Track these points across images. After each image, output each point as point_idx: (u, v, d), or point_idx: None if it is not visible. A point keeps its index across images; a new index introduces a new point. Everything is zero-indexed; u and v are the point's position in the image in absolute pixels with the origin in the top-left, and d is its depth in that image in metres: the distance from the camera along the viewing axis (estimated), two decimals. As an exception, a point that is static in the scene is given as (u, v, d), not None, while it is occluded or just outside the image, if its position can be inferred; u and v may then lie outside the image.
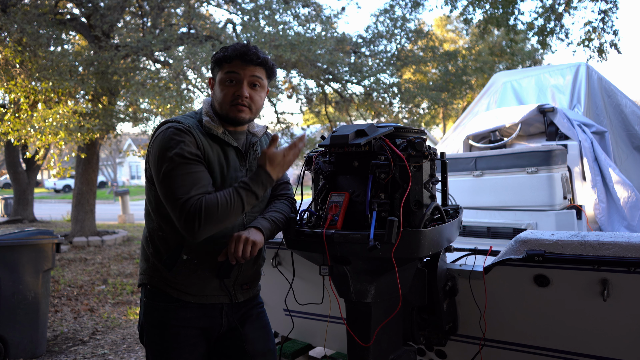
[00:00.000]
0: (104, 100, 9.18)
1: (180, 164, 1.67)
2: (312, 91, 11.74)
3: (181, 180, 1.65)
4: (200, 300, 1.80)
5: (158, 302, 1.81)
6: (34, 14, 7.94)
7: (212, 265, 1.78)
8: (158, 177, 1.69)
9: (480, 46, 16.76)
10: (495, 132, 3.89)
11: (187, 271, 1.77)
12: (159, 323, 1.81)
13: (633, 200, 3.34)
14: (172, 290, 1.79)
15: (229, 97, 1.79)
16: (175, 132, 1.70)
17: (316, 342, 2.89)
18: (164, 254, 1.78)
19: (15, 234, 3.95)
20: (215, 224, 1.65)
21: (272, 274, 2.53)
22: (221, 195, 1.67)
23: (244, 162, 1.87)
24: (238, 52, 1.78)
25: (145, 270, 1.84)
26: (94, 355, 4.23)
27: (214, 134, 1.78)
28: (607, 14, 9.02)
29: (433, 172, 1.81)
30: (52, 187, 35.51)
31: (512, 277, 1.88)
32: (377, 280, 1.74)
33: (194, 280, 1.79)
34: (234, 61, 1.78)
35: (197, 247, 1.76)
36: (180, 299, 1.79)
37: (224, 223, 1.69)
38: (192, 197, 1.64)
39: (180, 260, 1.76)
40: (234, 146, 1.83)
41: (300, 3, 10.11)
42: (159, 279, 1.80)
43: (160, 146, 1.70)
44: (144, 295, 1.87)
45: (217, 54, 1.82)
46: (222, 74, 1.80)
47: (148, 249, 1.83)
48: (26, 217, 13.80)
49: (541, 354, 2.00)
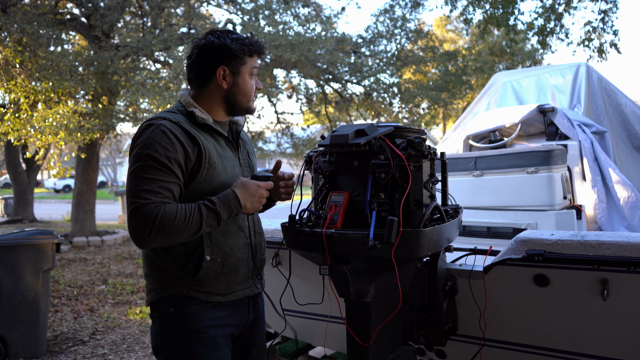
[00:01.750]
0: (104, 100, 9.18)
1: (154, 168, 1.61)
2: (312, 91, 11.75)
3: (147, 183, 1.59)
4: (229, 298, 1.78)
5: (189, 309, 1.72)
6: (34, 14, 7.94)
7: (236, 259, 1.78)
8: (128, 172, 1.64)
9: (480, 46, 16.77)
10: (495, 132, 3.89)
11: (213, 272, 1.73)
12: (197, 328, 1.72)
13: (633, 200, 3.34)
14: (200, 294, 1.73)
15: (254, 89, 1.84)
16: (158, 134, 1.64)
17: (316, 342, 2.89)
18: (184, 260, 1.71)
19: (15, 234, 3.95)
20: (166, 236, 1.58)
21: (272, 274, 2.52)
22: (181, 208, 1.59)
23: (236, 152, 1.87)
24: (258, 46, 1.82)
25: (163, 282, 1.74)
26: (94, 355, 4.23)
27: (206, 124, 1.76)
28: (607, 14, 9.03)
29: (433, 171, 1.81)
30: (52, 187, 35.51)
31: (512, 276, 1.88)
32: (377, 279, 1.74)
33: (222, 278, 1.75)
34: (255, 55, 1.82)
35: (218, 245, 1.73)
36: (210, 301, 1.74)
37: (175, 238, 1.61)
38: (151, 202, 1.57)
39: (205, 262, 1.70)
40: (224, 135, 1.82)
41: (300, 3, 10.11)
42: (182, 287, 1.72)
43: (140, 144, 1.64)
44: (167, 307, 1.74)
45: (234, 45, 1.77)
46: (248, 67, 1.81)
47: (160, 259, 1.74)
48: (26, 217, 13.80)
49: (541, 353, 2.00)
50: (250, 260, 1.84)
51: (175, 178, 1.64)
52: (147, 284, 1.81)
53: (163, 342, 1.75)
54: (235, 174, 1.80)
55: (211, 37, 1.79)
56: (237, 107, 1.83)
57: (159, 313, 1.76)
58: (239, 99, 1.82)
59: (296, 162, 12.28)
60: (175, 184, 1.65)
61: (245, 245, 1.82)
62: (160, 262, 1.74)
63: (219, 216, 1.64)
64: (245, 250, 1.82)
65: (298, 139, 11.93)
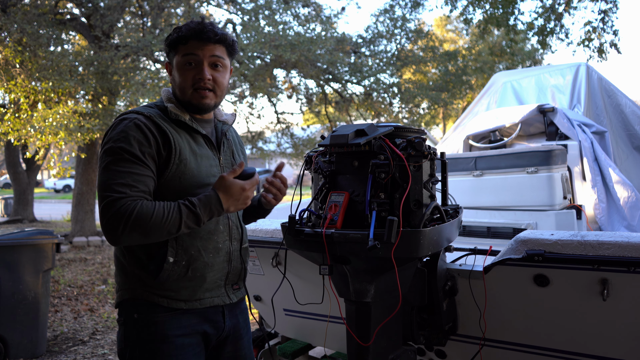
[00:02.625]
0: (104, 100, 9.19)
1: (126, 160, 1.51)
2: (312, 91, 11.75)
3: (121, 176, 1.49)
4: (193, 306, 1.65)
5: (154, 316, 1.61)
6: (34, 14, 7.95)
7: (203, 264, 1.65)
8: (100, 166, 1.54)
9: (480, 46, 16.78)
10: (495, 132, 3.89)
11: (175, 275, 1.61)
12: (161, 338, 1.60)
13: (633, 200, 3.34)
14: (160, 299, 1.61)
15: (189, 82, 1.64)
16: (132, 127, 1.55)
17: (316, 342, 2.89)
18: (146, 260, 1.60)
19: (15, 234, 3.95)
20: (141, 232, 1.47)
21: (272, 274, 2.52)
22: (159, 206, 1.49)
23: (217, 151, 1.74)
24: (193, 30, 1.62)
25: (124, 283, 1.65)
26: (94, 355, 4.23)
27: (180, 120, 1.65)
28: (607, 14, 9.03)
29: (433, 171, 1.81)
30: (52, 187, 35.50)
31: (512, 277, 1.88)
32: (376, 279, 1.74)
33: (185, 283, 1.63)
34: (190, 41, 1.62)
35: (183, 247, 1.62)
36: (172, 307, 1.62)
37: (150, 236, 1.49)
38: (127, 196, 1.47)
39: (167, 264, 1.59)
40: (202, 134, 1.70)
41: (300, 3, 10.11)
42: (143, 290, 1.61)
43: (113, 137, 1.55)
44: (131, 312, 1.64)
45: (170, 36, 1.65)
46: (179, 56, 1.64)
47: (125, 259, 1.64)
48: (26, 217, 13.80)
49: (541, 353, 2.00)
50: (223, 266, 1.72)
51: (150, 172, 1.56)
52: (115, 284, 1.73)
53: (127, 348, 1.65)
54: (211, 173, 1.69)
55: None
56: (181, 103, 1.68)
57: (124, 318, 1.67)
58: (178, 94, 1.68)
59: (296, 162, 12.28)
60: (150, 178, 1.56)
61: (216, 250, 1.69)
62: (123, 261, 1.66)
63: (199, 218, 1.53)
64: (215, 255, 1.69)
65: (298, 139, 11.94)
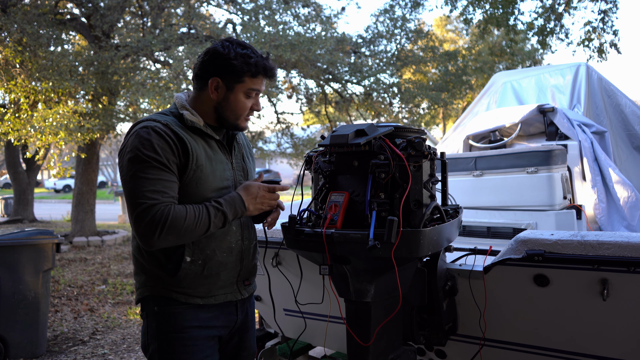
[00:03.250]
0: (104, 100, 9.19)
1: (154, 168, 1.60)
2: (312, 91, 11.74)
3: (152, 183, 1.58)
4: (209, 302, 1.76)
5: (172, 308, 1.72)
6: (34, 14, 7.94)
7: (218, 263, 1.75)
8: (127, 174, 1.61)
9: (480, 46, 16.77)
10: (495, 132, 3.89)
11: (192, 274, 1.71)
12: (179, 328, 1.72)
13: (633, 200, 3.34)
14: (178, 295, 1.72)
15: (246, 110, 1.78)
16: (155, 135, 1.63)
17: (316, 342, 2.89)
18: (164, 260, 1.71)
19: (15, 234, 3.95)
20: (176, 235, 1.59)
21: (272, 274, 2.53)
22: (190, 209, 1.61)
23: (229, 155, 1.83)
24: (264, 68, 1.74)
25: (145, 282, 1.76)
26: (94, 355, 4.23)
27: (196, 127, 1.73)
28: (607, 14, 9.03)
29: (433, 171, 1.81)
30: (52, 187, 35.50)
31: (512, 277, 1.88)
32: (376, 279, 1.74)
33: (201, 281, 1.74)
34: (259, 76, 1.75)
35: (200, 247, 1.71)
36: (189, 302, 1.73)
37: (184, 238, 1.62)
38: (159, 202, 1.57)
39: (185, 263, 1.70)
40: (216, 139, 1.79)
41: (300, 3, 10.11)
42: (162, 287, 1.73)
43: (136, 145, 1.62)
44: (151, 306, 1.75)
45: (236, 62, 1.71)
46: (245, 87, 1.74)
47: (144, 259, 1.74)
48: (26, 217, 13.80)
49: (541, 353, 2.00)
50: (236, 265, 1.82)
51: (175, 178, 1.65)
52: (135, 282, 1.82)
53: (149, 340, 1.76)
54: (225, 177, 1.78)
55: (219, 45, 1.74)
56: (225, 121, 1.79)
57: (146, 312, 1.78)
58: (227, 115, 1.78)
59: (296, 162, 12.28)
60: (176, 183, 1.65)
61: (229, 250, 1.79)
62: (143, 261, 1.75)
63: (226, 217, 1.66)
64: (229, 254, 1.79)
65: (298, 139, 11.93)
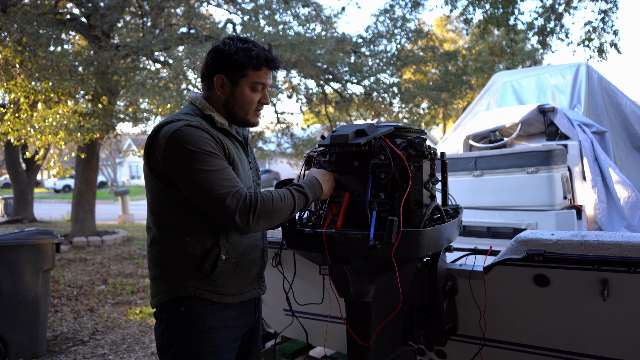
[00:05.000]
0: (104, 100, 9.18)
1: (217, 159, 1.62)
2: (312, 91, 11.74)
3: (223, 174, 1.60)
4: (239, 299, 1.79)
5: (200, 309, 1.72)
6: (34, 14, 7.94)
7: (248, 261, 1.79)
8: (191, 174, 1.59)
9: (480, 46, 16.77)
10: (495, 132, 3.89)
11: (227, 272, 1.73)
12: (207, 329, 1.72)
13: (633, 200, 3.34)
14: (212, 294, 1.72)
15: (254, 104, 1.79)
16: (196, 130, 1.63)
17: (316, 342, 2.89)
18: (200, 259, 1.69)
19: (15, 234, 3.95)
20: (267, 218, 1.61)
21: (272, 274, 2.52)
22: (274, 192, 1.66)
23: (247, 155, 1.88)
24: (266, 59, 1.75)
25: (175, 283, 1.71)
26: (94, 355, 4.23)
27: (225, 129, 1.76)
28: (607, 14, 9.02)
29: (433, 171, 1.81)
30: (52, 187, 35.51)
31: (512, 277, 1.88)
32: (377, 280, 1.74)
33: (234, 279, 1.76)
34: (263, 68, 1.75)
35: (233, 245, 1.74)
36: (221, 302, 1.74)
37: (274, 219, 1.64)
38: (242, 188, 1.60)
39: (221, 261, 1.70)
40: (239, 140, 1.83)
41: (300, 3, 10.11)
42: (195, 288, 1.71)
43: (186, 144, 1.60)
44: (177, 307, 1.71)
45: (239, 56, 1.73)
46: (249, 81, 1.75)
47: (174, 260, 1.71)
48: (26, 217, 13.80)
49: (541, 354, 2.00)
50: (259, 262, 1.86)
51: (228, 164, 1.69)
52: (154, 285, 1.77)
53: (170, 341, 1.72)
54: (249, 176, 1.81)
55: (221, 43, 1.77)
56: (235, 117, 1.80)
57: (167, 313, 1.73)
58: (236, 111, 1.79)
59: (296, 162, 12.28)
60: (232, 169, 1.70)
61: (256, 247, 1.83)
62: (173, 262, 1.71)
63: (307, 198, 1.70)
64: (256, 251, 1.83)
65: (298, 139, 11.93)
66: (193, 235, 1.69)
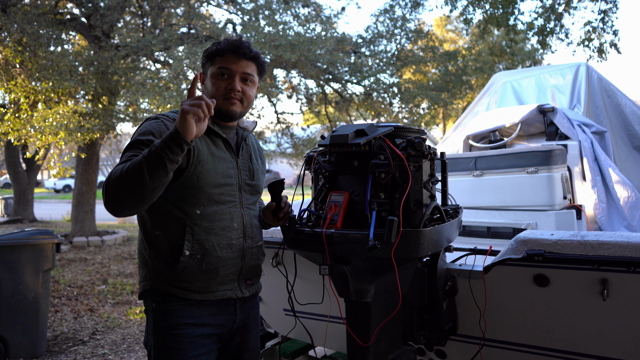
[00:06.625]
0: (104, 100, 9.18)
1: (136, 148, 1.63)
2: (312, 91, 11.74)
3: (122, 160, 1.59)
4: (206, 297, 1.76)
5: (169, 304, 1.74)
6: (34, 14, 7.94)
7: (216, 258, 1.75)
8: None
9: (480, 46, 16.76)
10: (495, 132, 3.89)
11: (191, 268, 1.72)
12: (173, 325, 1.73)
13: (633, 200, 3.34)
14: (177, 290, 1.74)
15: (221, 91, 1.78)
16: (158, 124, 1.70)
17: (316, 342, 2.89)
18: (164, 253, 1.73)
19: (15, 234, 3.95)
20: (117, 188, 1.49)
21: (272, 274, 2.53)
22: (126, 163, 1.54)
23: (235, 155, 1.85)
24: (231, 45, 1.79)
25: (146, 275, 1.79)
26: (94, 355, 4.23)
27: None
28: (607, 14, 9.02)
29: (433, 171, 1.81)
30: (52, 187, 35.48)
31: (512, 277, 1.88)
32: (376, 279, 1.74)
33: (200, 276, 1.75)
34: (227, 55, 1.79)
35: (199, 241, 1.73)
36: (187, 298, 1.74)
37: (124, 188, 1.49)
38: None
39: (183, 257, 1.71)
40: (222, 137, 1.82)
41: (300, 3, 10.11)
42: (162, 281, 1.75)
43: (137, 132, 1.70)
44: (151, 302, 1.78)
45: (209, 48, 1.83)
46: (215, 68, 1.80)
47: (146, 252, 1.79)
48: (26, 217, 13.79)
49: (541, 353, 2.00)
50: (236, 262, 1.82)
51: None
52: (138, 276, 1.86)
53: (148, 336, 1.80)
54: (228, 174, 1.80)
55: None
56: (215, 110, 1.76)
57: (145, 308, 1.82)
58: None
59: (296, 162, 12.28)
60: None
61: (229, 246, 1.79)
62: (145, 254, 1.80)
63: (159, 152, 1.47)
64: (229, 250, 1.79)
65: (298, 139, 11.93)
66: (161, 230, 1.74)
